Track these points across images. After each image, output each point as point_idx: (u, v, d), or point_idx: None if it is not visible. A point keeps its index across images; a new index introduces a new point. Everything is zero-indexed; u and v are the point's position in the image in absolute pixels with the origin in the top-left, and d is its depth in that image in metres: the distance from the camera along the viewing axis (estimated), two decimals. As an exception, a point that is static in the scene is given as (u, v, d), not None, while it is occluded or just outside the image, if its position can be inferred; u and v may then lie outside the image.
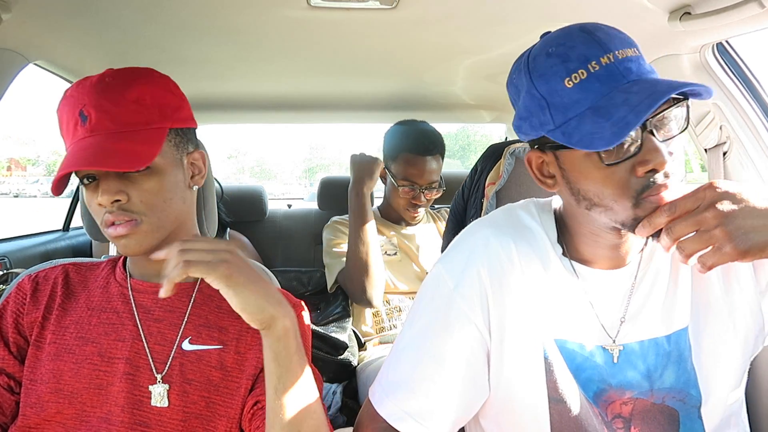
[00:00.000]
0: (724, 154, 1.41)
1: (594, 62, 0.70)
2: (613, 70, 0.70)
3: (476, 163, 1.34)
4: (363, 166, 1.83)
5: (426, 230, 2.01)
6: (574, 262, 0.84)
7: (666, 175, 0.70)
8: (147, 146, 0.81)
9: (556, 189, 0.81)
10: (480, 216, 1.28)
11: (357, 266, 1.71)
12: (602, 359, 0.82)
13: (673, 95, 0.70)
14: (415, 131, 1.92)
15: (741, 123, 1.35)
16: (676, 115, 0.72)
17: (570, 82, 0.71)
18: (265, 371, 0.77)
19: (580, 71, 0.70)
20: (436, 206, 2.27)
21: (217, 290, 0.72)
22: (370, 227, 1.75)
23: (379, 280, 1.72)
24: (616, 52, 0.70)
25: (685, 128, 0.72)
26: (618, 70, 0.70)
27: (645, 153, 0.69)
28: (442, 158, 1.92)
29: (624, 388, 0.82)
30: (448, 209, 2.11)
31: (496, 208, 1.22)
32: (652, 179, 0.70)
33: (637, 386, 0.82)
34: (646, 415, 0.82)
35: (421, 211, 1.92)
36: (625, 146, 0.70)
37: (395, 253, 1.90)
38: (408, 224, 1.98)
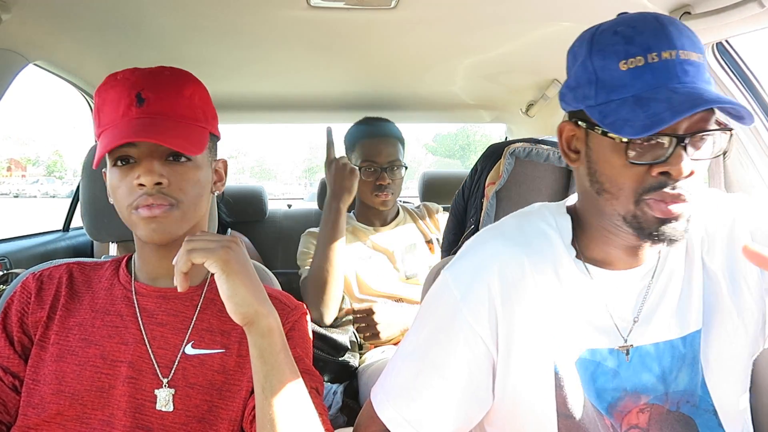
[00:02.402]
0: (724, 154, 1.41)
1: (655, 53, 0.69)
2: (671, 67, 0.69)
3: (476, 163, 1.34)
4: (340, 178, 1.71)
5: (404, 231, 1.97)
6: (587, 264, 0.82)
7: (675, 188, 0.70)
8: (196, 139, 0.86)
9: (575, 165, 0.81)
10: (480, 216, 1.28)
11: (317, 282, 1.67)
12: (615, 363, 0.81)
13: (720, 123, 0.71)
14: (369, 121, 1.99)
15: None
16: (715, 140, 0.72)
17: (625, 65, 0.70)
18: (253, 371, 0.77)
19: (638, 57, 0.70)
20: (416, 204, 2.22)
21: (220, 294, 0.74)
22: (339, 246, 1.69)
23: (334, 300, 1.68)
24: (680, 51, 0.69)
25: (721, 155, 0.73)
26: (675, 69, 0.69)
27: (669, 160, 0.69)
28: (402, 146, 1.94)
29: (639, 392, 0.80)
30: (426, 205, 2.10)
31: (496, 207, 1.22)
32: (662, 182, 0.70)
33: (652, 389, 0.80)
34: (663, 424, 0.80)
35: (389, 194, 1.87)
36: (655, 152, 0.70)
37: (370, 257, 1.87)
38: (384, 224, 1.95)
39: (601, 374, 0.80)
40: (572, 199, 0.88)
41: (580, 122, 0.77)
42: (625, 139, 0.70)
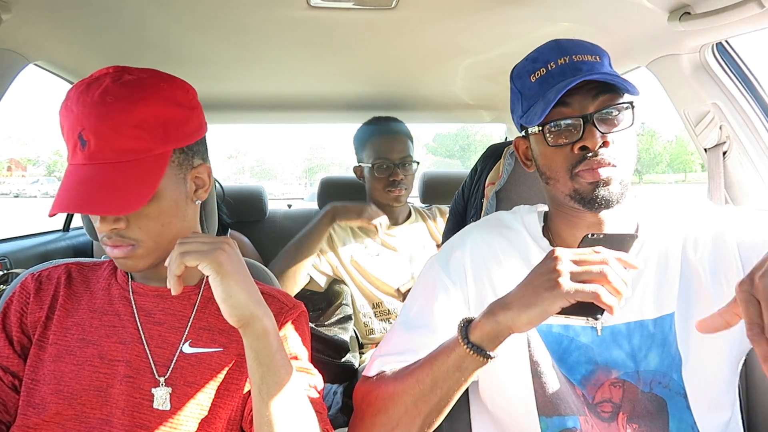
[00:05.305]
0: (724, 153, 1.41)
1: (552, 63, 0.88)
2: (565, 68, 0.87)
3: (476, 163, 1.34)
4: (350, 213, 1.85)
5: (415, 231, 2.00)
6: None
7: (597, 155, 0.83)
8: (147, 177, 0.79)
9: (531, 170, 0.96)
10: (480, 216, 1.29)
11: (283, 260, 1.77)
12: (588, 338, 0.89)
13: (626, 99, 0.85)
14: (378, 120, 2.05)
15: (741, 123, 1.35)
16: (623, 114, 0.85)
17: (534, 77, 0.89)
18: (249, 373, 0.77)
19: (541, 69, 0.89)
20: (426, 204, 2.26)
21: None
22: (312, 245, 1.81)
23: (290, 282, 1.78)
24: (574, 56, 0.87)
25: (630, 126, 0.86)
26: (569, 69, 0.86)
27: (583, 136, 0.84)
28: (412, 143, 1.99)
29: (610, 366, 0.88)
30: (439, 208, 2.12)
31: (496, 208, 1.22)
32: (584, 156, 0.84)
33: (622, 365, 0.87)
34: (635, 403, 0.87)
35: (403, 189, 1.91)
36: (570, 133, 0.85)
37: (378, 254, 1.90)
38: (396, 223, 1.98)
39: (575, 349, 0.89)
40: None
41: (523, 134, 0.95)
42: (537, 129, 0.88)
